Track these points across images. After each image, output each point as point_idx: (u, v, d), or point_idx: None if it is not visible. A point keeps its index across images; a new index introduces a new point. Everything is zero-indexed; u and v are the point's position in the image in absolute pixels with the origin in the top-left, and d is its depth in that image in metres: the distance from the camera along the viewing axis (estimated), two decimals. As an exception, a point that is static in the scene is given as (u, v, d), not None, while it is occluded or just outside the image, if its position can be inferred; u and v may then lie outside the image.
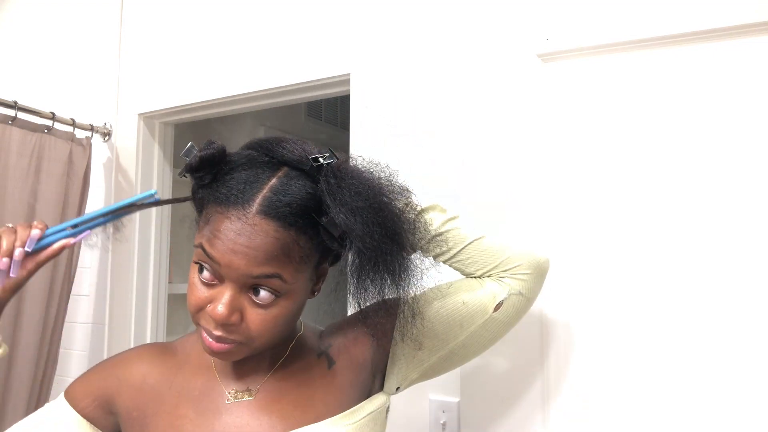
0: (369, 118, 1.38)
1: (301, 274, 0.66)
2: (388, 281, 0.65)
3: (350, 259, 0.64)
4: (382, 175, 0.69)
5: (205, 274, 0.64)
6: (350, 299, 0.66)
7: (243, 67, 1.61)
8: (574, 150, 1.10)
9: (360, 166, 0.69)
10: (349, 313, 1.22)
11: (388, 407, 0.79)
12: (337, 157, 0.67)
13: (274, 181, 0.64)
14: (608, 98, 1.07)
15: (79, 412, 0.74)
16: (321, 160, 0.65)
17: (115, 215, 0.76)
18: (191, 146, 0.67)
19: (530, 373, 1.10)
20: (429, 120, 1.30)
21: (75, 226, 0.75)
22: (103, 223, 0.76)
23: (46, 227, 0.73)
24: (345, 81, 1.44)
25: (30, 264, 0.72)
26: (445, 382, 1.20)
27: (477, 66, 1.21)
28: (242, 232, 0.61)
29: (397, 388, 0.80)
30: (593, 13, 1.09)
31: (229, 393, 0.72)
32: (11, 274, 0.71)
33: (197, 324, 0.67)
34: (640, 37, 1.04)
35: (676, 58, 1.02)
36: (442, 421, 1.19)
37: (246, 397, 0.71)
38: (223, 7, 1.68)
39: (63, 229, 0.74)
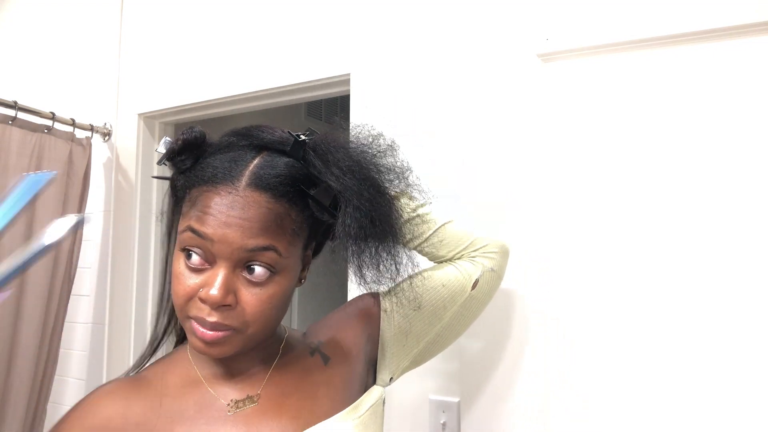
0: (369, 118, 1.38)
1: (294, 248, 0.65)
2: (382, 238, 0.65)
3: (346, 221, 0.63)
4: (366, 140, 0.72)
5: (194, 259, 0.61)
6: (353, 291, 0.65)
7: (243, 67, 1.61)
8: (574, 150, 1.10)
9: (343, 132, 0.71)
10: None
11: (384, 399, 0.79)
12: (317, 133, 0.69)
13: (258, 160, 0.64)
14: (608, 98, 1.07)
15: None
16: (303, 137, 0.66)
17: (22, 264, 0.62)
18: (166, 138, 0.67)
19: (530, 373, 1.10)
20: (429, 120, 1.30)
21: None
22: (15, 273, 0.61)
23: None
24: (345, 81, 1.44)
25: None
26: (445, 382, 1.20)
27: (477, 66, 1.21)
28: (234, 204, 0.60)
29: (390, 379, 0.81)
30: (593, 13, 1.09)
31: (228, 404, 0.67)
32: None
33: (186, 318, 0.62)
34: (640, 37, 1.04)
35: (676, 58, 1.02)
36: (442, 421, 1.19)
37: (249, 405, 0.68)
38: (223, 8, 1.68)
39: None
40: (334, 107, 2.94)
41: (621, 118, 1.06)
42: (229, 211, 0.60)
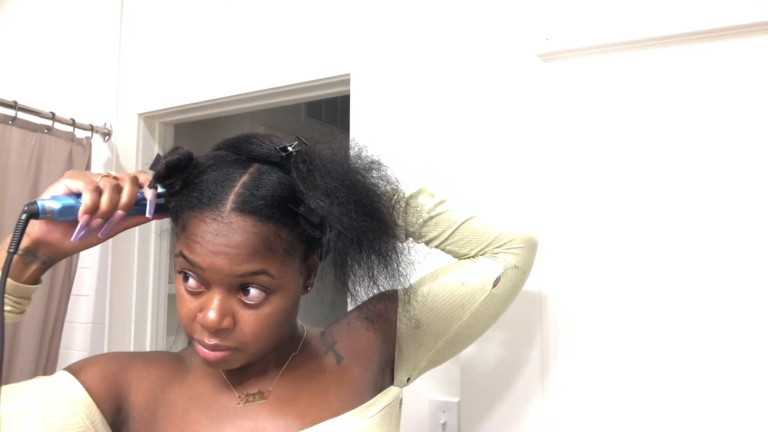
0: (369, 118, 1.38)
1: (288, 267, 0.64)
2: (375, 261, 0.64)
3: (334, 243, 0.62)
4: (352, 152, 0.68)
5: (191, 282, 0.62)
6: (339, 286, 0.64)
7: (243, 67, 1.61)
8: (574, 150, 1.10)
9: (328, 148, 0.67)
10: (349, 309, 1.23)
11: (401, 400, 0.79)
12: (305, 144, 0.66)
13: (245, 177, 0.62)
14: (608, 98, 1.07)
15: (92, 396, 0.65)
16: (290, 149, 0.64)
17: None
18: (158, 156, 0.65)
19: (530, 373, 1.10)
20: (429, 120, 1.30)
21: None
22: None
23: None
24: (345, 81, 1.44)
25: (118, 228, 0.66)
26: (445, 382, 1.20)
27: (477, 66, 1.21)
28: (219, 232, 0.60)
29: (408, 379, 0.80)
30: (593, 13, 1.09)
31: (239, 396, 0.70)
32: (99, 235, 0.64)
33: (191, 337, 0.64)
34: (640, 37, 1.04)
35: (676, 58, 1.02)
36: (442, 421, 1.19)
37: (258, 400, 0.70)
38: (223, 8, 1.68)
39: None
40: (334, 107, 2.94)
41: (621, 118, 1.06)
42: (215, 239, 0.59)
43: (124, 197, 0.63)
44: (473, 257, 0.81)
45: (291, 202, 0.62)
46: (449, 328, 0.79)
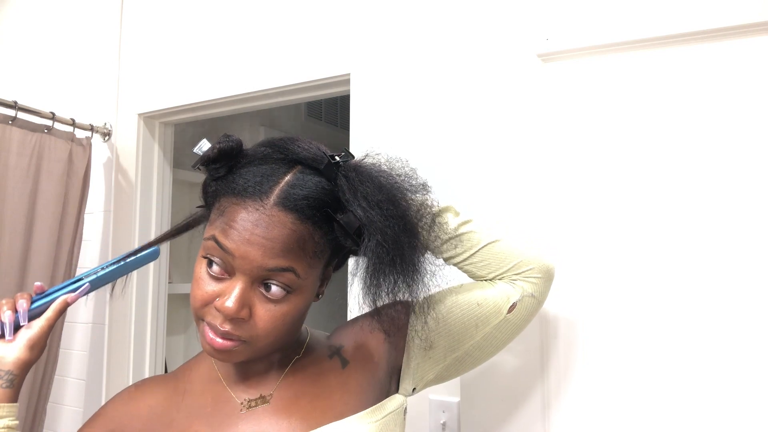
0: (369, 118, 1.38)
1: (312, 270, 0.65)
2: (402, 277, 0.65)
3: (367, 255, 0.64)
4: (401, 171, 0.71)
5: (215, 268, 0.63)
6: (356, 296, 0.66)
7: (243, 67, 1.61)
8: (575, 150, 1.10)
9: (378, 163, 0.70)
10: (348, 315, 1.23)
11: (406, 408, 0.79)
12: (352, 156, 0.68)
13: (289, 176, 0.64)
14: (608, 98, 1.07)
15: None
16: (337, 158, 0.67)
17: (117, 271, 0.80)
18: (204, 141, 0.68)
19: (531, 373, 1.10)
20: (429, 120, 1.30)
21: (78, 281, 0.77)
22: (105, 280, 0.79)
23: (44, 288, 0.76)
24: (345, 81, 1.44)
25: (42, 323, 0.73)
26: (445, 382, 1.20)
27: (477, 66, 1.21)
28: (259, 222, 0.61)
29: (414, 389, 0.80)
30: (593, 13, 1.09)
31: (242, 403, 0.70)
32: (21, 322, 0.72)
33: (200, 320, 0.65)
34: (640, 37, 1.04)
35: (676, 58, 1.02)
36: (442, 421, 1.19)
37: (260, 404, 0.70)
38: (223, 7, 1.68)
39: (66, 285, 0.76)
40: (334, 107, 2.94)
41: (621, 118, 1.06)
42: (254, 228, 0.61)
43: (21, 294, 0.73)
44: (490, 280, 0.82)
45: (330, 207, 0.64)
46: (460, 346, 0.79)
